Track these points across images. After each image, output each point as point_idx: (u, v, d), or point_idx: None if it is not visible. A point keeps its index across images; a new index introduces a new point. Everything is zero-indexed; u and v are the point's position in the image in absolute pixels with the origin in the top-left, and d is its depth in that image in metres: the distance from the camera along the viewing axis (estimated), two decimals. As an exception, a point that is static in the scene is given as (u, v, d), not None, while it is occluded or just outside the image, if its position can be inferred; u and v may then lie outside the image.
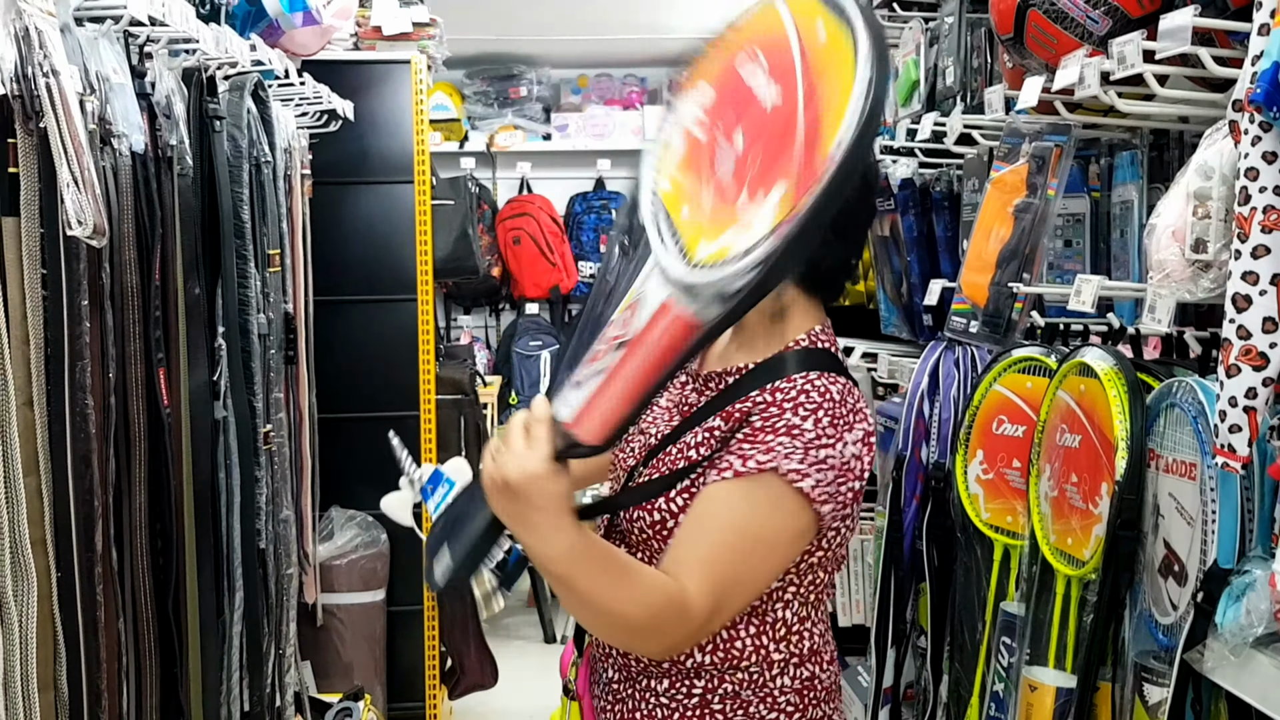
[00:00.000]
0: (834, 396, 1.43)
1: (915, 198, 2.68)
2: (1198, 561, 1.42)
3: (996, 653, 1.88)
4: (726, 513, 1.38)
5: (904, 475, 2.28)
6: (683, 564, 1.35)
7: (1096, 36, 1.73)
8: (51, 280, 1.60)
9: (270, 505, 2.52)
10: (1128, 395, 1.58)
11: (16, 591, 1.49)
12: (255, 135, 2.48)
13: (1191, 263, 1.42)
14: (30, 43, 1.54)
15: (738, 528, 1.37)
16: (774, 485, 1.37)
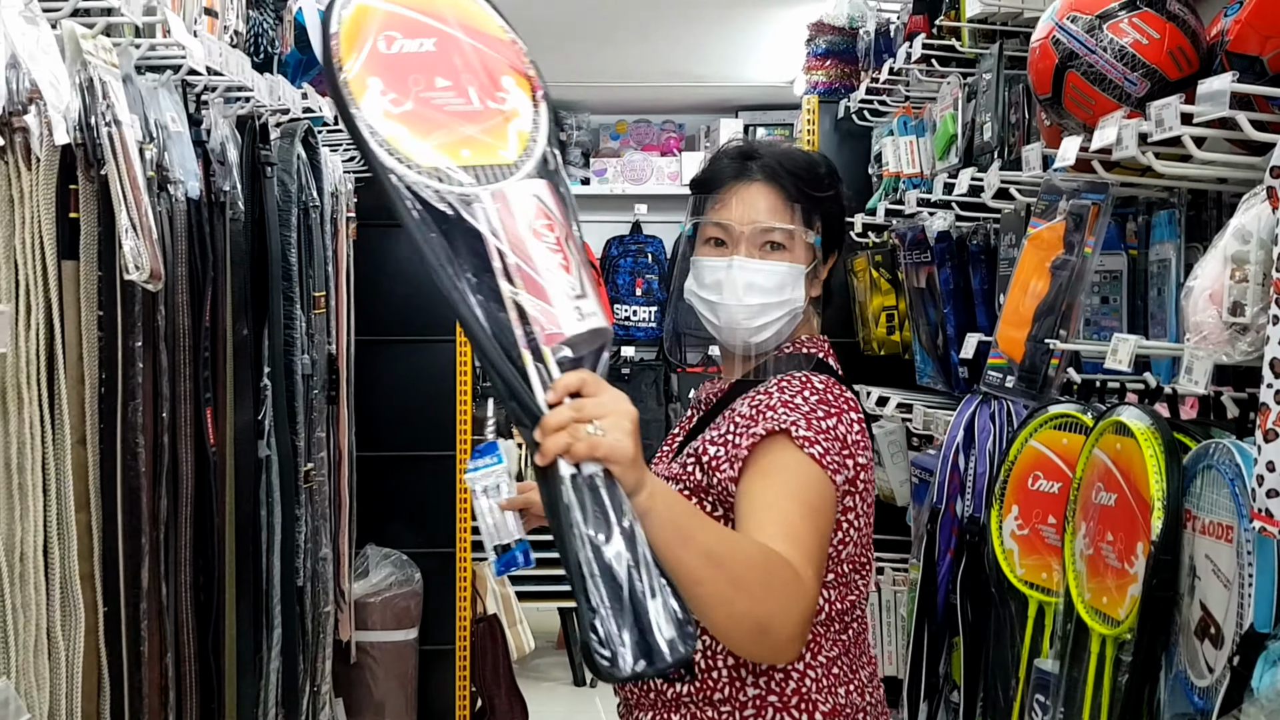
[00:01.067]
0: (815, 385, 1.58)
1: (952, 250, 2.70)
2: (1234, 624, 1.42)
3: (1030, 710, 1.87)
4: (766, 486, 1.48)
5: (938, 528, 2.28)
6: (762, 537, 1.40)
7: (1134, 99, 1.75)
8: (107, 322, 1.65)
9: (309, 543, 2.56)
10: (1164, 455, 1.58)
11: (65, 626, 1.52)
12: (305, 180, 2.54)
13: (1229, 325, 1.43)
14: (94, 93, 1.60)
15: (789, 493, 1.47)
16: (788, 447, 1.49)
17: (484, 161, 1.28)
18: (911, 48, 2.89)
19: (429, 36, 1.33)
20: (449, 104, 1.29)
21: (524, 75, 1.37)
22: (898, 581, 3.24)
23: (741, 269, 1.62)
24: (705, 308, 1.67)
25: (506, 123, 1.32)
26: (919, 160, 3.11)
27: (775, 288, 1.62)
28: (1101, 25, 1.77)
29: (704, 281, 1.66)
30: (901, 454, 3.20)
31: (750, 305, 1.62)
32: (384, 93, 1.27)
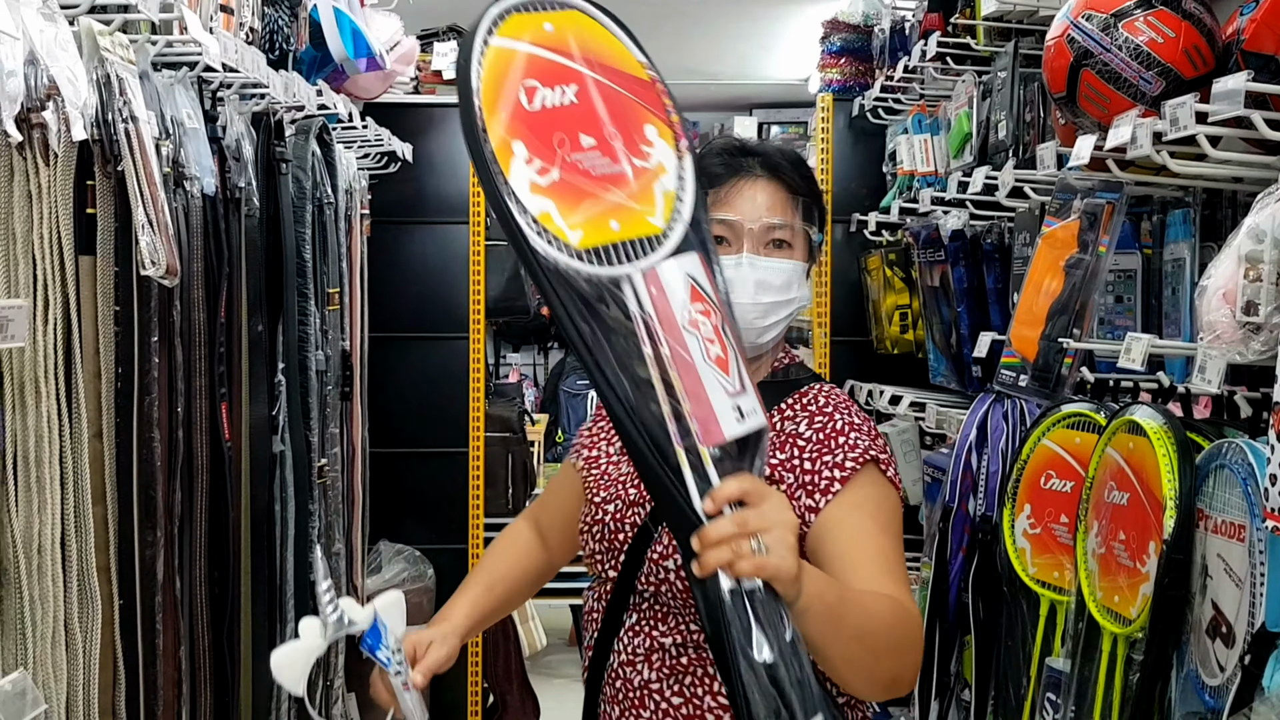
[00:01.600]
0: (846, 397, 1.60)
1: (966, 249, 2.70)
2: (1245, 623, 1.42)
3: (1041, 709, 1.87)
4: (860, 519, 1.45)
5: (950, 527, 2.28)
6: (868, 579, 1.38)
7: (1149, 97, 1.75)
8: (124, 318, 1.66)
9: (323, 538, 2.57)
10: (1177, 454, 1.58)
11: (82, 618, 1.53)
12: (319, 177, 2.55)
13: (1242, 325, 1.43)
14: (111, 90, 1.61)
15: (881, 524, 1.46)
16: (876, 477, 1.50)
17: (633, 234, 1.23)
18: (926, 45, 2.89)
19: (570, 83, 1.25)
20: (595, 166, 1.24)
21: (666, 122, 1.29)
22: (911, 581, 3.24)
23: (752, 267, 1.57)
24: None
25: (652, 182, 1.26)
26: (933, 158, 3.11)
27: (783, 285, 1.59)
28: (1117, 24, 1.77)
29: None
30: (914, 453, 3.19)
31: (761, 304, 1.57)
32: (529, 161, 1.21)
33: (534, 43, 1.25)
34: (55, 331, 1.50)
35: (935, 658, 2.33)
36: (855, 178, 3.73)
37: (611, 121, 1.26)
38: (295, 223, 2.39)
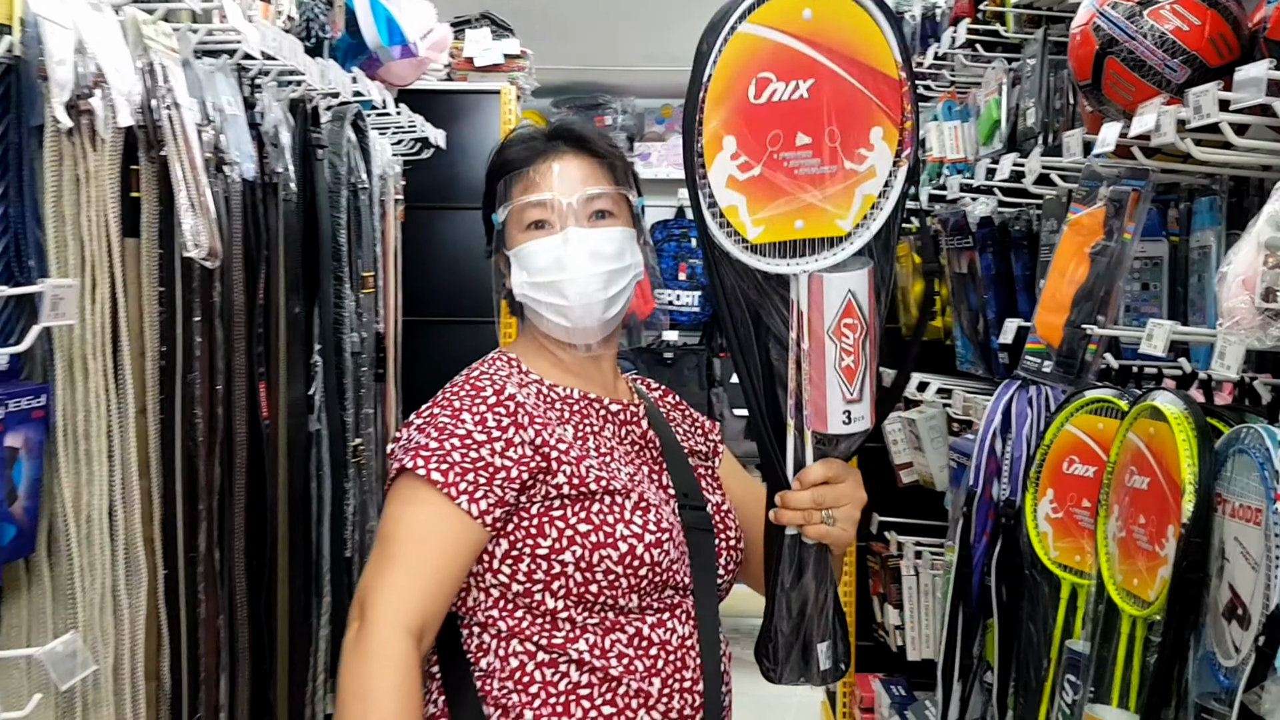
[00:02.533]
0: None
1: (994, 236, 2.71)
2: (1261, 606, 1.44)
3: (1061, 689, 1.90)
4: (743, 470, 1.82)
5: (974, 511, 2.30)
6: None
7: (1174, 85, 1.76)
8: (167, 298, 1.72)
9: (358, 516, 2.62)
10: (1197, 439, 1.60)
11: (129, 586, 1.59)
12: (354, 163, 2.60)
13: (1261, 311, 1.45)
14: (155, 77, 1.66)
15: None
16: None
17: (816, 233, 1.32)
18: (956, 32, 2.90)
19: (807, 77, 1.29)
20: (801, 166, 1.29)
21: (897, 126, 1.34)
22: (935, 565, 3.27)
23: (581, 241, 1.51)
24: (548, 293, 1.53)
25: (856, 186, 1.32)
26: (963, 145, 3.12)
27: (617, 253, 1.53)
28: (1142, 11, 1.78)
29: (539, 265, 1.52)
30: (941, 439, 3.22)
31: (600, 273, 1.51)
32: (735, 156, 1.28)
33: (786, 31, 1.29)
34: (102, 310, 1.55)
35: (959, 640, 2.36)
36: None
37: (836, 121, 1.31)
38: (331, 207, 2.45)
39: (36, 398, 1.41)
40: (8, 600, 1.49)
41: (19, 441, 1.37)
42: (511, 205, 1.55)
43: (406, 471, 1.45)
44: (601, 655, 1.44)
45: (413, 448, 1.46)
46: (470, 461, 1.43)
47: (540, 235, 1.53)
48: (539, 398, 1.53)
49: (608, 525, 1.45)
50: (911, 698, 3.35)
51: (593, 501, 1.46)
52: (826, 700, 4.13)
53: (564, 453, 1.47)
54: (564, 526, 1.44)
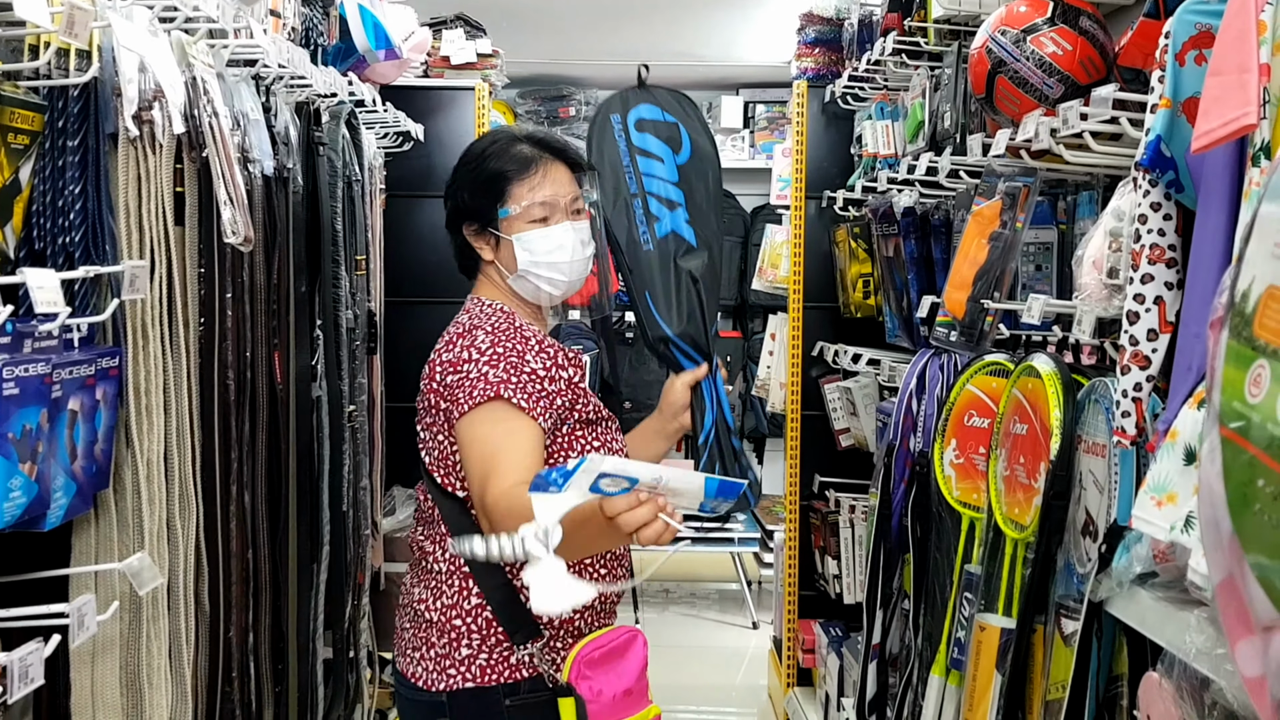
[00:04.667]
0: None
1: (916, 224, 3.06)
2: (1105, 521, 1.80)
3: (960, 606, 2.26)
4: None
5: (894, 462, 2.66)
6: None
7: (1051, 99, 2.11)
8: (206, 278, 2.02)
9: (352, 475, 2.93)
10: (1064, 392, 1.96)
11: (182, 518, 1.91)
12: (348, 157, 2.90)
13: (1107, 286, 1.80)
14: (197, 89, 1.97)
15: None
16: None
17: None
18: (886, 42, 3.24)
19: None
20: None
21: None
22: (867, 516, 3.63)
23: (575, 230, 2.06)
24: (549, 270, 2.03)
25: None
26: (893, 142, 3.47)
27: (588, 241, 2.09)
28: (1026, 38, 2.13)
29: (544, 249, 2.02)
30: (873, 404, 3.57)
31: (583, 258, 2.07)
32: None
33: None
34: (161, 287, 1.86)
35: (880, 574, 2.71)
36: (827, 158, 4.10)
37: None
38: (330, 198, 2.75)
39: (112, 358, 1.72)
40: (78, 530, 1.79)
41: (100, 394, 1.68)
42: (520, 205, 2.02)
43: (500, 399, 1.90)
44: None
45: (496, 381, 1.91)
46: (540, 392, 1.94)
47: (542, 226, 2.03)
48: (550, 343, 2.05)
49: (604, 442, 2.06)
50: (846, 636, 3.71)
51: (598, 425, 2.06)
52: (773, 649, 4.50)
53: (585, 390, 2.03)
54: (584, 444, 2.02)
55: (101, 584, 1.78)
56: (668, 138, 2.39)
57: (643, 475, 1.55)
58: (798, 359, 4.06)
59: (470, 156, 2.10)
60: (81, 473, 1.60)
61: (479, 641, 1.97)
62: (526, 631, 1.94)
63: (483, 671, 1.96)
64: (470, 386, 1.91)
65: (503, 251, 2.06)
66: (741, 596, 5.67)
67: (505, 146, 2.06)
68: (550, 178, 2.04)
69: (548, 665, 1.94)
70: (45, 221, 1.69)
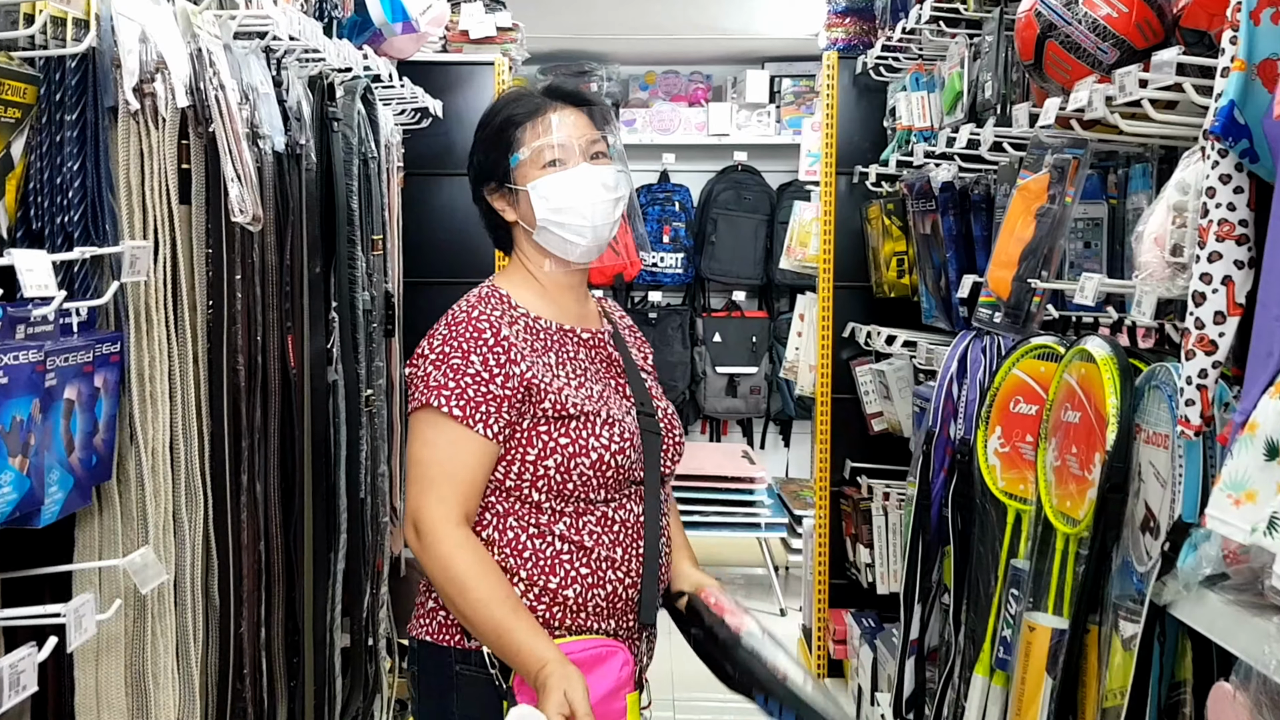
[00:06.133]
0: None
1: (955, 200, 2.94)
2: (1168, 517, 1.68)
3: (1006, 603, 2.15)
4: None
5: (933, 449, 2.55)
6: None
7: (1105, 65, 1.99)
8: (214, 259, 1.93)
9: (370, 461, 2.84)
10: (1120, 377, 1.84)
11: (189, 510, 1.82)
12: (364, 134, 2.80)
13: (1170, 264, 1.69)
14: (203, 61, 1.86)
15: None
16: None
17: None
18: (922, 9, 3.11)
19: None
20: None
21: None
22: (903, 506, 3.52)
23: (594, 172, 1.92)
24: (570, 216, 1.90)
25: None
26: (929, 115, 3.34)
27: (615, 185, 1.94)
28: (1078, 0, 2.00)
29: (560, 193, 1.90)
30: (908, 388, 3.46)
31: (609, 200, 1.92)
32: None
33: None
34: (164, 268, 1.76)
35: (919, 567, 2.61)
36: (858, 132, 3.97)
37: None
38: (345, 176, 2.64)
39: (113, 344, 1.62)
40: (81, 524, 1.71)
41: (100, 381, 1.59)
42: (529, 148, 1.91)
43: (430, 407, 1.83)
44: (576, 532, 1.86)
45: (434, 386, 1.84)
46: (481, 396, 1.83)
47: (557, 170, 1.91)
48: (526, 330, 1.90)
49: (581, 440, 1.85)
50: (880, 627, 3.61)
51: (571, 421, 1.86)
52: (802, 637, 4.40)
53: (548, 383, 1.86)
54: (548, 440, 1.85)
55: (105, 580, 1.69)
56: None
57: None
58: (828, 340, 3.94)
59: (485, 115, 2.03)
60: (80, 465, 1.51)
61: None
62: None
63: (441, 628, 1.90)
64: (415, 386, 1.88)
65: (522, 206, 1.94)
66: (769, 582, 5.57)
67: (515, 95, 1.99)
68: (563, 120, 1.93)
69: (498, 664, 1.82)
70: (43, 200, 1.59)
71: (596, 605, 1.87)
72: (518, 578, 1.85)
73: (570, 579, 1.85)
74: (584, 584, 1.85)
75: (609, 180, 1.93)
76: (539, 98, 1.96)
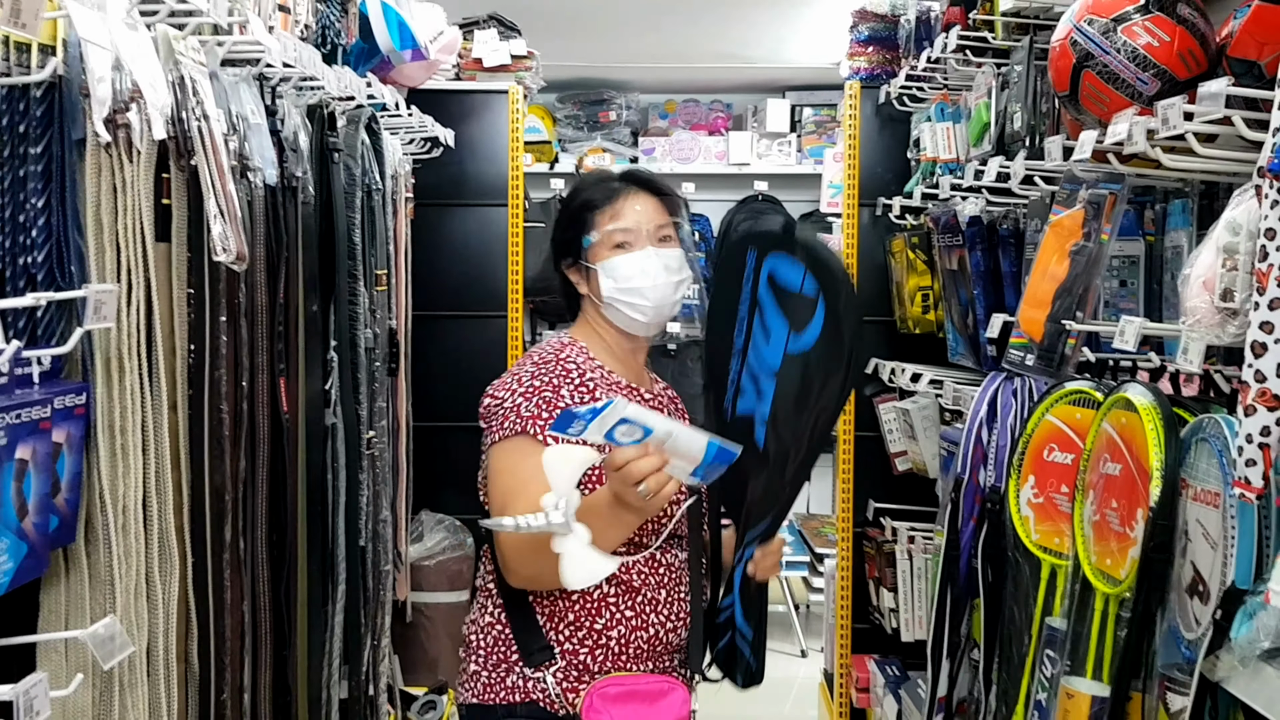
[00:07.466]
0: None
1: (982, 234, 2.81)
2: (1219, 582, 1.55)
3: (1040, 664, 2.00)
4: None
5: (962, 497, 2.41)
6: None
7: (1146, 97, 1.86)
8: (196, 299, 1.82)
9: (371, 506, 2.73)
10: (1164, 429, 1.70)
11: (162, 573, 1.70)
12: (368, 164, 2.70)
13: (1220, 310, 1.55)
14: (185, 90, 1.76)
15: None
16: None
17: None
18: (948, 38, 2.99)
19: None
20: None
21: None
22: (928, 550, 3.38)
23: (658, 256, 2.05)
24: (633, 295, 2.03)
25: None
26: (954, 146, 3.22)
27: (679, 268, 2.07)
28: (1116, 28, 1.88)
29: (625, 274, 2.03)
30: (934, 428, 3.32)
31: (672, 282, 2.05)
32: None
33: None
34: (138, 312, 1.65)
35: (948, 620, 2.46)
36: (881, 163, 3.85)
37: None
38: (346, 208, 2.54)
39: (78, 395, 1.52)
40: (47, 587, 1.60)
41: (62, 437, 1.48)
42: (602, 230, 2.06)
43: (525, 434, 1.93)
44: (626, 573, 1.96)
45: (527, 416, 1.94)
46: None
47: (625, 253, 2.05)
48: (601, 379, 2.04)
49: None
50: (905, 677, 3.46)
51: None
52: (824, 682, 4.24)
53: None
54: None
55: (71, 649, 1.58)
56: (794, 311, 1.90)
57: (658, 427, 1.65)
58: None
59: (568, 195, 2.18)
60: (34, 530, 1.39)
61: (484, 658, 2.01)
62: (541, 655, 1.96)
63: (485, 689, 1.99)
64: (504, 417, 1.95)
65: (592, 282, 2.08)
66: (789, 621, 5.42)
67: (595, 180, 2.13)
68: (632, 205, 2.06)
69: (559, 694, 1.94)
70: (4, 239, 1.50)
71: (638, 648, 1.98)
72: (564, 620, 1.96)
73: (615, 620, 1.96)
74: (628, 625, 1.97)
75: (672, 263, 2.06)
76: (617, 183, 2.10)
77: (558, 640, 1.96)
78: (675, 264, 2.07)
